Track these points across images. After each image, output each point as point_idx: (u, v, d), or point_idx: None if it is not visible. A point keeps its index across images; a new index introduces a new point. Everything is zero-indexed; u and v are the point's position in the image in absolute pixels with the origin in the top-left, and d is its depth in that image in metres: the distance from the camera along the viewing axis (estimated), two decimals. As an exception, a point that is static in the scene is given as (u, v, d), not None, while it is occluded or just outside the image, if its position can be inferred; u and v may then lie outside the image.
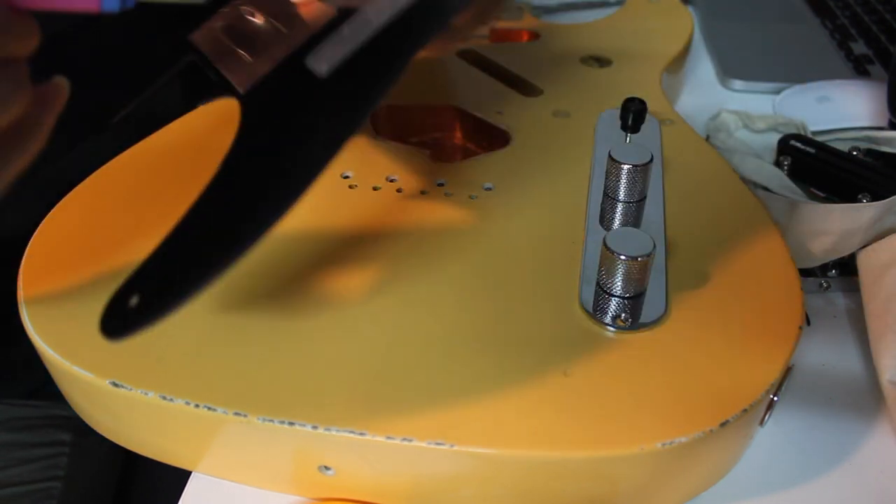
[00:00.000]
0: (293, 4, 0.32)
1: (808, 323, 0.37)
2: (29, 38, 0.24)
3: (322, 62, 0.29)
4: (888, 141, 0.47)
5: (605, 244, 0.29)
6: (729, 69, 0.58)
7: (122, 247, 0.33)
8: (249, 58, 0.32)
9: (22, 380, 0.51)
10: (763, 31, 0.64)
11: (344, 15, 0.30)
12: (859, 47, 0.60)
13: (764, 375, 0.28)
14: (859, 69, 0.58)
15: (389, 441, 0.26)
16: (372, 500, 0.29)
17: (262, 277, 0.32)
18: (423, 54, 0.30)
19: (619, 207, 0.35)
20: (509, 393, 0.27)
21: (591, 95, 0.45)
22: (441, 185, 0.37)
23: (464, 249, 0.33)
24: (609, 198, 0.35)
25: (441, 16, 0.29)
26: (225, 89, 0.32)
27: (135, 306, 0.26)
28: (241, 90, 0.31)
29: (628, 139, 0.38)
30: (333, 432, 0.26)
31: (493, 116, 0.43)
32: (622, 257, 0.29)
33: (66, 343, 0.29)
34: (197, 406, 0.27)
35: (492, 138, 0.43)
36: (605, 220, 0.35)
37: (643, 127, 0.38)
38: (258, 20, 0.33)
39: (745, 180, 0.40)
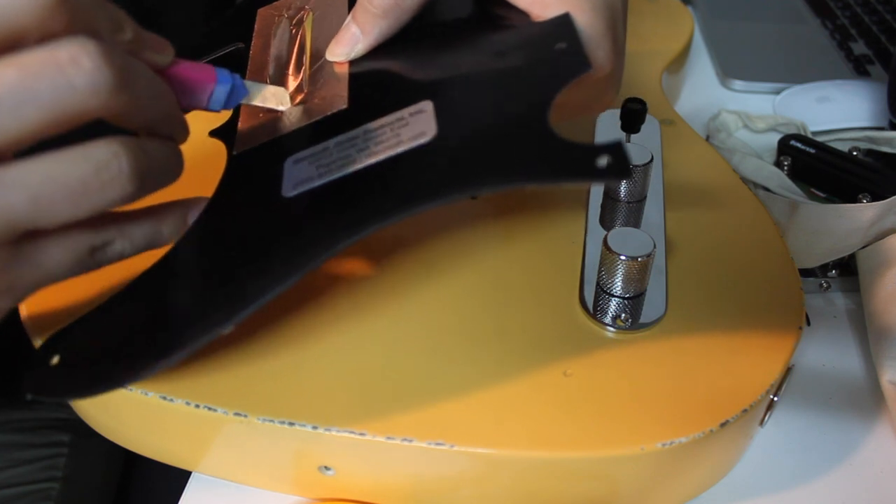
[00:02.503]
0: (328, 62, 0.31)
1: (808, 323, 0.37)
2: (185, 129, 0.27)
3: (290, 185, 0.27)
4: (888, 141, 0.47)
5: (605, 244, 0.29)
6: (729, 69, 0.58)
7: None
8: (264, 112, 0.31)
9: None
10: (763, 31, 0.64)
11: (343, 119, 0.28)
12: (859, 47, 0.60)
13: (764, 376, 0.28)
14: (859, 69, 0.58)
15: (389, 441, 0.26)
16: (372, 500, 0.29)
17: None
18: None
19: (620, 207, 0.35)
20: (509, 393, 0.27)
21: (590, 95, 0.45)
22: (441, 185, 0.37)
23: (464, 249, 0.33)
24: (609, 198, 0.35)
25: (434, 192, 0.23)
26: (224, 135, 0.31)
27: (56, 366, 0.25)
28: (234, 150, 0.30)
29: (628, 139, 0.38)
30: (333, 432, 0.26)
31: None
32: (622, 257, 0.29)
33: (65, 343, 0.29)
34: (197, 406, 0.27)
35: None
36: (605, 220, 0.35)
37: (643, 127, 0.38)
38: (296, 72, 0.32)
39: (745, 180, 0.40)
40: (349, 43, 0.30)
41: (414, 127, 0.26)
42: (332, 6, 0.34)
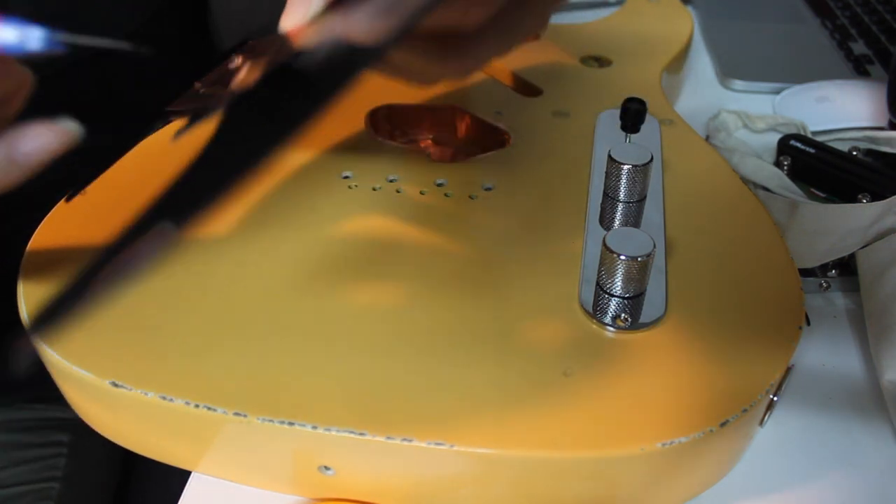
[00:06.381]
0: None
1: (808, 323, 0.37)
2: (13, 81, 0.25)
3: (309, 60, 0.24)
4: (888, 141, 0.47)
5: (605, 244, 0.29)
6: (729, 69, 0.58)
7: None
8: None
9: (25, 391, 0.51)
10: (763, 31, 0.64)
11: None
12: (859, 47, 0.60)
13: (764, 375, 0.28)
14: (859, 69, 0.58)
15: (389, 441, 0.26)
16: (372, 500, 0.29)
17: (260, 278, 0.32)
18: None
19: (619, 207, 0.35)
20: (509, 393, 0.27)
21: (590, 95, 0.45)
22: (441, 185, 0.37)
23: (463, 249, 0.33)
24: (609, 198, 0.35)
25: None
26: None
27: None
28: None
29: (628, 139, 0.38)
30: (333, 432, 0.26)
31: (492, 117, 0.43)
32: (622, 257, 0.29)
33: (66, 344, 0.29)
34: (197, 406, 0.27)
35: (491, 138, 0.43)
36: (605, 220, 0.35)
37: (643, 127, 0.38)
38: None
39: (745, 180, 0.40)
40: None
41: None
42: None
